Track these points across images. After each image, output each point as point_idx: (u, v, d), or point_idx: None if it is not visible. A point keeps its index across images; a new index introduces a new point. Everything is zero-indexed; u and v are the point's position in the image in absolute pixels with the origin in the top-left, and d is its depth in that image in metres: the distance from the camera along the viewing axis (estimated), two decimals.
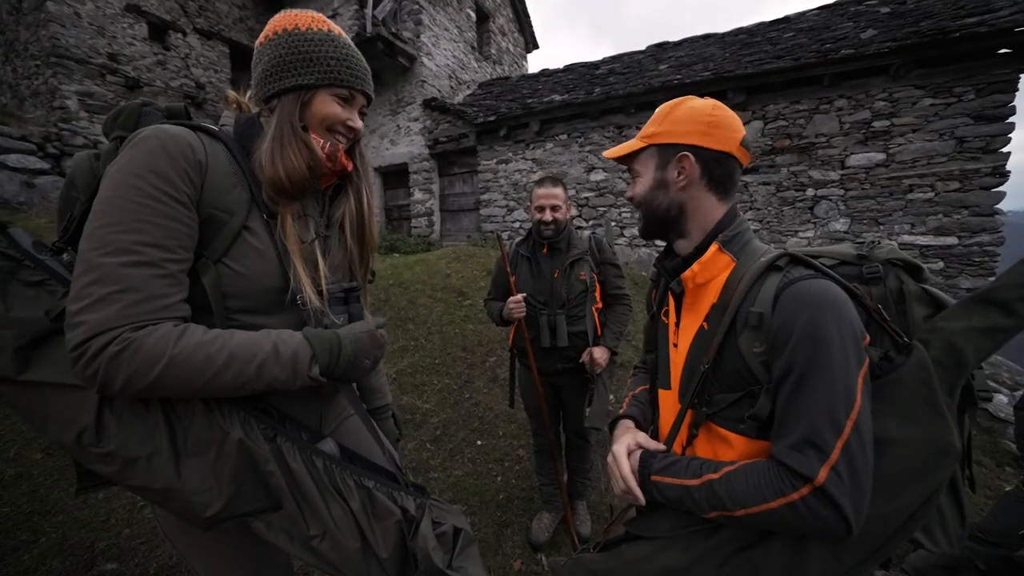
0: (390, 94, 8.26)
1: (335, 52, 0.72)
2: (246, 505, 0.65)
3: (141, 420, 0.61)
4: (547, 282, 1.76)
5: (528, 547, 1.92)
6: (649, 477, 0.71)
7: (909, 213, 4.66)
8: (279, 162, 0.68)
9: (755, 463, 0.63)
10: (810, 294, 0.60)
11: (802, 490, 0.56)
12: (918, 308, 0.66)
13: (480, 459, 2.51)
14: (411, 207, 8.33)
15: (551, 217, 1.71)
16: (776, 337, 0.61)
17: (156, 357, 0.56)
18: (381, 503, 0.69)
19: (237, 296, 0.67)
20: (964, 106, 4.38)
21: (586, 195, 6.53)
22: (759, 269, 0.66)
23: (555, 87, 7.34)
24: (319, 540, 0.66)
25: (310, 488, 0.66)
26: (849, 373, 0.57)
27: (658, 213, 0.77)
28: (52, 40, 6.94)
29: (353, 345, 0.71)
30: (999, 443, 3.25)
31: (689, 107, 0.75)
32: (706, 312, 0.72)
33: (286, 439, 0.67)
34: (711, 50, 6.51)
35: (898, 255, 0.70)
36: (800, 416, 0.58)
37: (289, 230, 0.70)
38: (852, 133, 4.87)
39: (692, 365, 0.73)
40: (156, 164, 0.60)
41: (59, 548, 1.71)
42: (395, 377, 3.24)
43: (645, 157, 0.78)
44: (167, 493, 0.61)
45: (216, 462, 0.63)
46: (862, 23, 5.31)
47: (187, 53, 8.74)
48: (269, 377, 0.63)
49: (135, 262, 0.57)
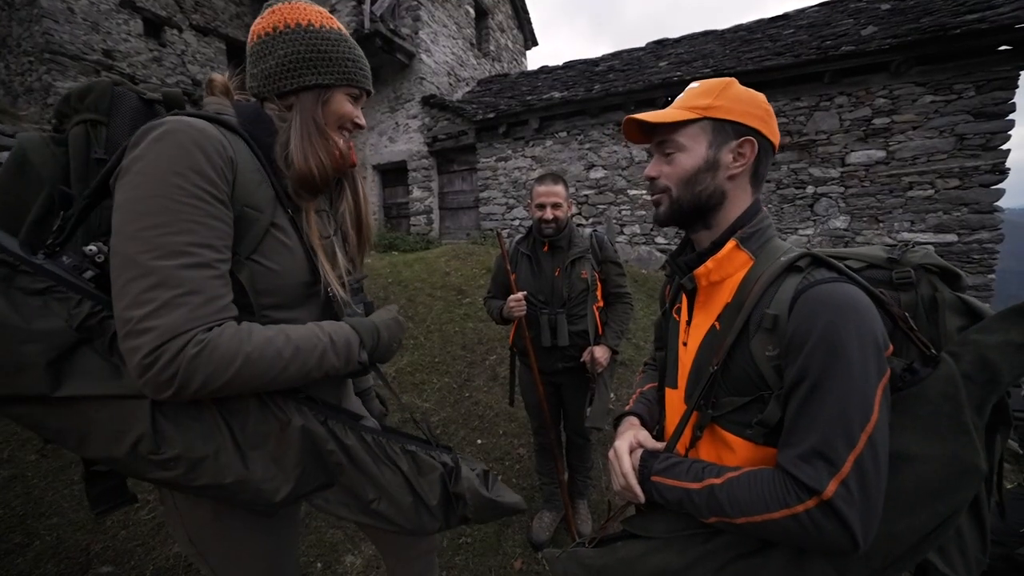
0: (389, 91, 8.21)
1: (350, 53, 0.75)
2: (309, 484, 0.70)
3: (197, 422, 0.62)
4: (548, 280, 1.74)
5: (529, 546, 1.90)
6: (649, 477, 0.69)
7: (909, 210, 4.66)
8: (311, 159, 0.70)
9: (760, 471, 0.60)
10: (830, 298, 0.57)
11: (808, 503, 0.54)
12: (951, 318, 0.61)
13: (480, 458, 2.49)
14: (410, 205, 8.29)
15: (552, 215, 1.68)
16: (791, 341, 0.58)
17: (232, 355, 0.57)
18: (425, 462, 0.80)
19: (269, 292, 0.68)
20: (964, 103, 4.38)
21: (586, 193, 6.51)
22: (778, 269, 0.63)
23: (555, 84, 7.31)
24: (377, 503, 0.75)
25: (365, 459, 0.73)
26: (867, 384, 0.54)
27: (698, 199, 0.69)
28: (45, 36, 6.86)
29: (388, 330, 0.79)
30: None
31: (744, 89, 0.69)
32: (719, 311, 0.69)
33: (336, 421, 0.72)
34: (711, 47, 6.48)
35: (934, 260, 0.64)
36: (811, 426, 0.55)
37: (313, 225, 0.73)
38: (852, 130, 4.86)
39: (700, 365, 0.71)
40: (195, 162, 0.58)
41: (54, 551, 1.68)
42: (394, 376, 3.22)
43: (695, 131, 0.68)
44: (239, 485, 0.63)
45: (277, 450, 0.66)
46: (862, 20, 5.30)
47: (183, 49, 8.66)
48: (328, 366, 0.67)
49: (192, 264, 0.57)
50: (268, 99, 0.74)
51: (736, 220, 0.70)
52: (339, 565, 1.76)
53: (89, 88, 0.68)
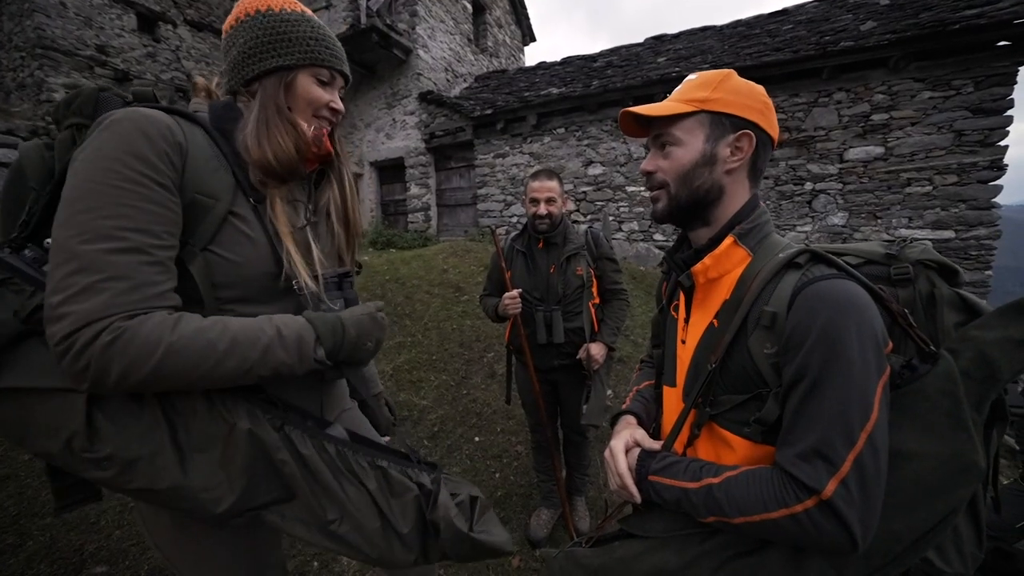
0: (385, 87, 8.15)
1: (312, 32, 0.71)
2: (259, 497, 0.64)
3: (136, 419, 0.58)
4: (543, 277, 1.73)
5: (527, 543, 1.90)
6: (647, 477, 0.69)
7: (907, 207, 4.66)
8: (266, 144, 0.67)
9: (758, 470, 0.60)
10: (830, 295, 0.56)
11: (807, 502, 0.53)
12: (949, 314, 0.60)
13: (478, 456, 2.49)
14: (407, 202, 8.26)
15: (546, 210, 1.67)
16: (790, 339, 0.57)
17: (152, 345, 0.53)
18: (397, 480, 0.70)
19: (229, 285, 0.65)
20: (963, 99, 4.37)
21: (584, 189, 6.49)
22: (776, 266, 0.62)
23: (552, 80, 7.27)
24: (338, 524, 0.66)
25: (324, 473, 0.65)
26: (867, 382, 0.53)
27: (696, 193, 0.68)
28: (37, 31, 6.78)
29: (356, 327, 0.70)
30: None
31: (743, 81, 0.67)
32: (717, 309, 0.68)
33: (294, 427, 0.65)
34: (709, 42, 6.45)
35: (932, 256, 0.63)
36: (810, 424, 0.54)
37: (280, 214, 0.69)
38: (851, 126, 4.85)
39: (699, 363, 0.70)
40: (134, 146, 0.57)
41: (47, 551, 1.67)
42: (392, 373, 3.21)
43: (691, 124, 0.67)
44: (175, 492, 0.58)
45: (224, 456, 0.61)
46: (861, 15, 5.28)
47: (178, 45, 8.58)
48: (275, 362, 0.61)
49: (120, 248, 0.54)
50: (239, 92, 0.72)
51: (734, 216, 0.68)
52: (336, 564, 1.75)
53: (76, 94, 0.68)
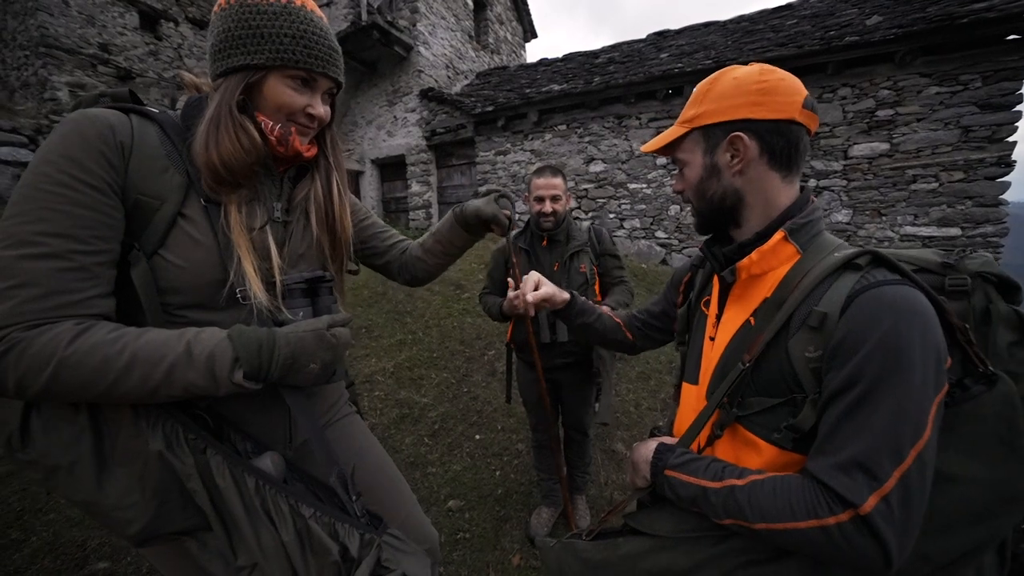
0: (386, 84, 8.13)
1: (291, 28, 0.63)
2: (174, 523, 0.59)
3: (68, 425, 0.55)
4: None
5: (527, 542, 1.90)
6: (663, 471, 0.66)
7: (912, 204, 4.61)
8: (212, 147, 0.62)
9: (787, 477, 0.56)
10: (895, 301, 0.52)
11: (841, 516, 0.50)
12: (1004, 333, 0.57)
13: (479, 453, 2.49)
14: (408, 199, 8.25)
15: (551, 208, 1.65)
16: (842, 343, 0.53)
17: (44, 359, 0.50)
18: (318, 537, 0.59)
19: (175, 291, 0.62)
20: (970, 94, 4.31)
21: (585, 186, 6.46)
22: (833, 265, 0.58)
23: (554, 77, 7.23)
24: (248, 572, 0.59)
25: (237, 509, 0.58)
26: (925, 396, 0.49)
27: (713, 204, 0.69)
28: (40, 29, 6.80)
29: (292, 346, 0.61)
30: None
31: (732, 78, 0.66)
32: (755, 306, 0.65)
33: (216, 452, 0.59)
34: (712, 38, 6.39)
35: (993, 269, 0.59)
36: (857, 434, 0.51)
37: (233, 216, 0.64)
38: (856, 122, 4.79)
39: (728, 361, 0.67)
40: (67, 148, 0.55)
41: (50, 547, 1.68)
42: (392, 371, 3.21)
43: (689, 144, 0.70)
44: (88, 507, 0.56)
45: (143, 474, 0.57)
46: (867, 9, 5.21)
47: (180, 43, 8.59)
48: (184, 382, 0.56)
49: (35, 255, 0.52)
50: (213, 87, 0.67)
51: (784, 211, 0.66)
52: None
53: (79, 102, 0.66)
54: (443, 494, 2.18)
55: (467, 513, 2.07)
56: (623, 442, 2.58)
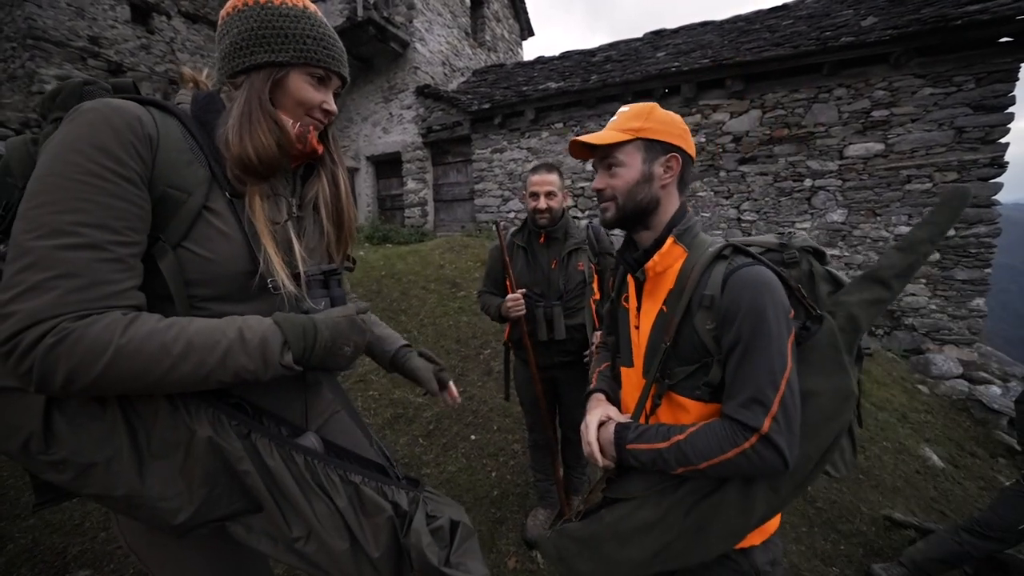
0: (382, 81, 8.06)
1: (312, 31, 0.68)
2: (221, 508, 0.61)
3: (97, 422, 0.55)
4: (544, 273, 1.70)
5: (523, 544, 1.88)
6: (625, 446, 0.79)
7: (907, 204, 4.63)
8: (247, 139, 0.64)
9: (712, 422, 0.74)
10: (751, 278, 0.72)
11: (751, 439, 0.69)
12: (823, 286, 0.80)
13: (474, 454, 2.46)
14: (404, 197, 8.20)
15: (545, 204, 1.64)
16: (725, 315, 0.73)
17: (101, 348, 0.50)
18: (370, 499, 0.65)
19: (203, 283, 0.63)
20: (964, 95, 4.34)
21: (582, 185, 6.45)
22: (709, 258, 0.77)
23: (551, 74, 7.20)
24: (304, 542, 0.63)
25: (291, 486, 0.62)
26: (782, 341, 0.70)
27: (639, 206, 0.83)
28: (28, 21, 6.66)
29: (330, 330, 0.66)
30: (992, 434, 3.26)
31: (666, 112, 0.84)
32: (664, 296, 0.82)
33: (261, 435, 0.62)
34: (709, 37, 6.39)
35: (809, 243, 0.83)
36: (747, 379, 0.70)
37: (258, 210, 0.66)
38: (851, 123, 4.81)
39: (654, 344, 0.83)
40: (98, 138, 0.54)
41: (28, 554, 1.62)
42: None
43: (631, 149, 0.82)
44: (131, 500, 0.56)
45: (185, 464, 0.58)
46: (862, 10, 5.23)
47: (172, 37, 8.45)
48: (236, 366, 0.57)
49: (75, 244, 0.51)
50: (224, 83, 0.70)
51: (670, 220, 0.84)
52: None
53: (61, 87, 0.66)
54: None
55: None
56: None
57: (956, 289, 4.50)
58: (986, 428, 3.34)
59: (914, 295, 4.66)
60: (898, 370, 4.07)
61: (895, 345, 4.63)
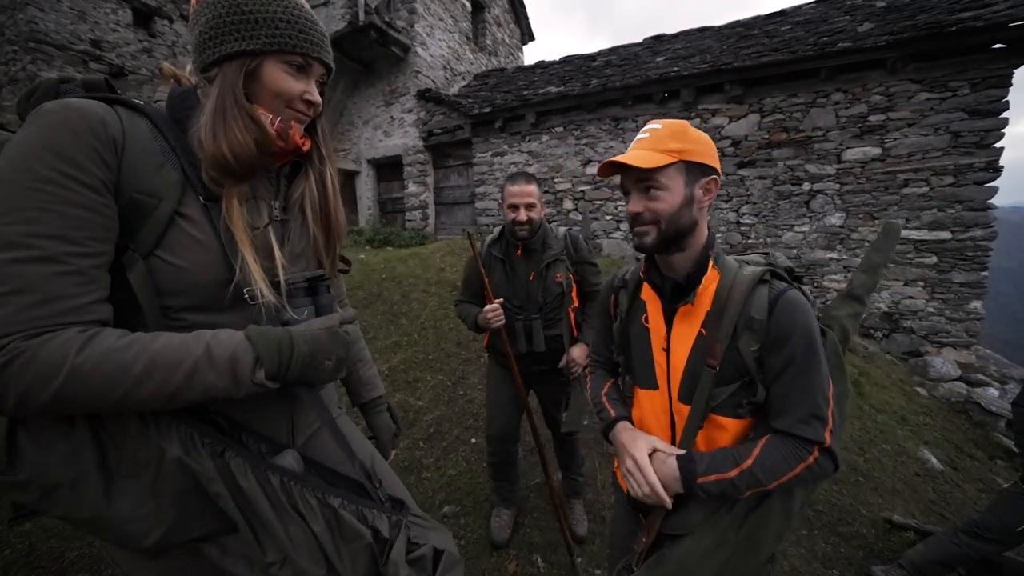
0: (383, 85, 8.10)
1: (284, 13, 0.62)
2: (194, 530, 0.58)
3: (64, 440, 0.52)
4: (522, 285, 1.67)
5: (524, 549, 1.88)
6: (696, 481, 0.78)
7: (904, 207, 4.67)
8: (221, 138, 0.59)
9: (771, 441, 0.77)
10: (799, 303, 0.77)
11: (815, 453, 0.75)
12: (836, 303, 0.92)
13: (474, 457, 2.46)
14: (405, 200, 8.22)
15: (525, 216, 1.60)
16: (776, 337, 0.76)
17: (54, 369, 0.47)
18: (348, 524, 0.61)
19: (177, 293, 0.59)
20: (959, 101, 4.38)
21: (582, 188, 6.47)
22: (752, 282, 0.79)
23: (551, 79, 7.24)
24: (279, 567, 0.59)
25: (265, 509, 0.58)
26: (824, 358, 0.77)
27: (682, 230, 0.81)
28: (30, 24, 6.69)
29: (309, 344, 0.61)
30: (990, 436, 3.27)
31: (698, 131, 0.82)
32: (701, 319, 0.82)
33: (236, 454, 0.58)
34: (708, 42, 6.45)
35: (787, 263, 0.89)
36: (804, 396, 0.75)
37: (236, 215, 0.61)
38: (848, 127, 4.85)
39: (694, 367, 0.82)
40: (56, 142, 0.51)
41: (25, 560, 1.61)
42: (387, 373, 3.18)
43: (672, 172, 0.79)
44: (97, 523, 0.53)
45: (155, 484, 0.55)
46: (859, 16, 5.28)
47: (174, 40, 8.48)
48: (204, 385, 0.54)
49: (28, 258, 0.48)
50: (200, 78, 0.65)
51: (706, 243, 0.85)
52: None
53: (37, 86, 0.61)
54: (438, 499, 2.16)
55: (462, 519, 2.05)
56: None
57: (954, 292, 4.53)
58: (984, 430, 3.36)
59: (912, 298, 4.69)
60: (897, 372, 4.08)
61: (894, 348, 4.65)
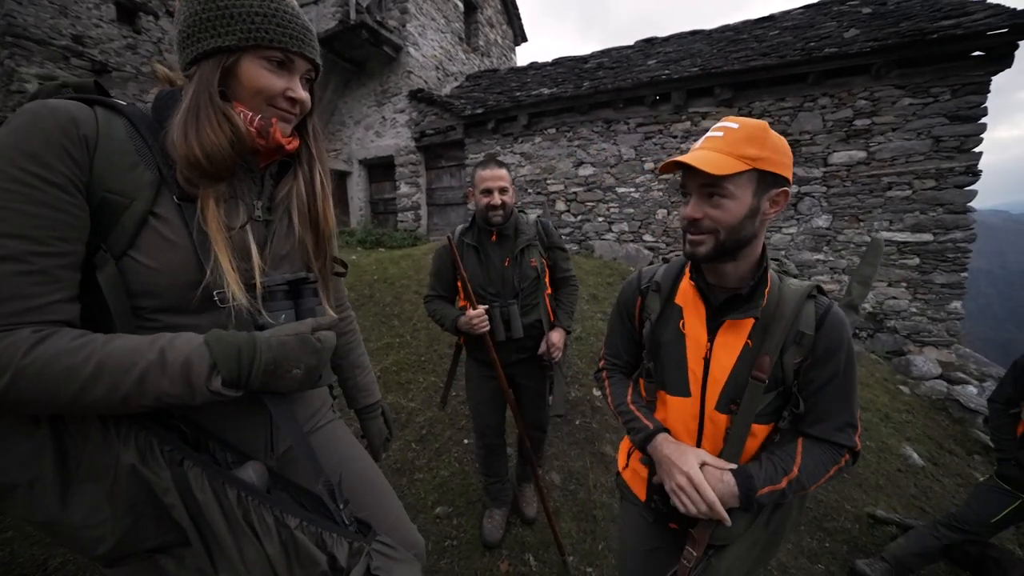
0: (375, 84, 8.05)
1: (261, 7, 0.61)
2: (148, 540, 0.56)
3: (25, 439, 0.51)
4: (498, 272, 1.66)
5: (516, 548, 1.89)
6: (755, 495, 0.77)
7: (888, 210, 4.78)
8: (193, 138, 0.58)
9: (807, 447, 0.80)
10: (843, 320, 0.80)
11: (846, 456, 0.81)
12: None
13: (467, 459, 2.46)
14: (397, 201, 8.17)
15: (500, 200, 1.58)
16: (824, 352, 0.79)
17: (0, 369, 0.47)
18: (304, 548, 0.56)
19: (150, 294, 0.58)
20: (940, 106, 4.50)
21: (574, 190, 6.51)
22: (802, 297, 0.80)
23: (544, 80, 7.27)
24: None
25: (219, 523, 0.55)
26: None
27: (740, 242, 0.76)
28: (7, 18, 6.51)
29: (274, 351, 0.58)
30: (969, 432, 3.37)
31: (778, 137, 0.74)
32: (747, 331, 0.82)
33: (194, 464, 0.56)
34: (698, 46, 6.53)
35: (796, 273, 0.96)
36: (844, 406, 0.80)
37: (211, 215, 0.60)
38: (835, 131, 4.95)
39: (739, 378, 0.82)
40: (25, 142, 0.51)
41: (6, 568, 1.57)
42: (380, 375, 3.16)
43: (744, 180, 0.72)
44: (51, 527, 0.52)
45: (113, 490, 0.53)
46: (845, 23, 5.39)
47: (159, 37, 8.32)
48: (156, 391, 0.52)
49: None
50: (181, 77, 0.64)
51: (762, 255, 0.83)
52: None
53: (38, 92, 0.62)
54: (430, 500, 2.15)
55: (455, 519, 2.05)
56: (611, 444, 2.59)
57: (935, 292, 4.65)
58: (963, 427, 3.45)
59: (895, 298, 4.80)
60: (881, 371, 4.18)
61: (878, 347, 4.76)
